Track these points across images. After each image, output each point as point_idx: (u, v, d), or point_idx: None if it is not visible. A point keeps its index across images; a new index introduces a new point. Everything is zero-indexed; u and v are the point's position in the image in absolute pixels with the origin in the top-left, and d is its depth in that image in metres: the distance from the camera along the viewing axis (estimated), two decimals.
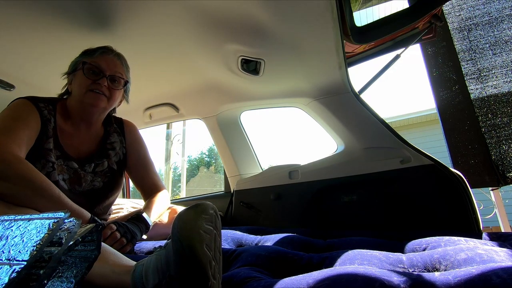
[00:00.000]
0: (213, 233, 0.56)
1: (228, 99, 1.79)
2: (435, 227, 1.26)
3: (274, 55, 1.35)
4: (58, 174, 1.00)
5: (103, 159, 1.13)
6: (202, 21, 1.19)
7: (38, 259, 0.37)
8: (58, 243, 0.40)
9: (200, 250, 0.51)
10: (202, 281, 0.50)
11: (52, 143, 1.01)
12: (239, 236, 1.12)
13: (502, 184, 1.98)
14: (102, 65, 1.05)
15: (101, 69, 1.05)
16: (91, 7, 1.10)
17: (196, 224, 0.54)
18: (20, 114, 0.96)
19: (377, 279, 0.54)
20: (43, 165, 0.96)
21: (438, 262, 0.69)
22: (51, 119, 1.03)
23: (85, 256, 0.49)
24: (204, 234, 0.54)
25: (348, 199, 1.46)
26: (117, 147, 1.18)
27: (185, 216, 0.56)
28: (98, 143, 1.16)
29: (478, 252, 0.67)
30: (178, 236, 0.52)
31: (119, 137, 1.21)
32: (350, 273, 0.57)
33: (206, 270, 0.51)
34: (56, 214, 0.43)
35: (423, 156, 1.35)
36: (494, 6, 2.16)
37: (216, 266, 0.55)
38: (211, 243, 0.55)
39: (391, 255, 0.75)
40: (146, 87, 1.72)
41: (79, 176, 1.06)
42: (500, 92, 2.06)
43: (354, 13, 1.24)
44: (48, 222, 0.41)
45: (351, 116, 1.52)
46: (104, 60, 1.06)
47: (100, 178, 1.11)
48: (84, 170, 1.07)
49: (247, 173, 1.90)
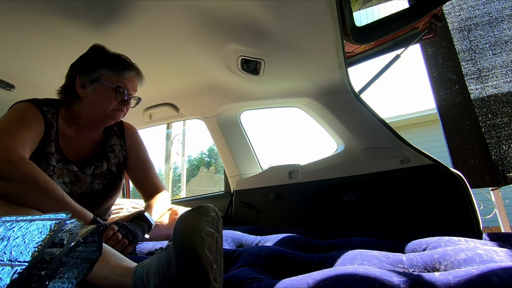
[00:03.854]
0: (214, 236, 0.56)
1: (228, 99, 1.79)
2: (435, 227, 1.26)
3: (274, 55, 1.35)
4: (58, 177, 1.00)
5: (102, 161, 1.13)
6: (202, 21, 1.19)
7: (39, 260, 0.37)
8: (59, 244, 0.40)
9: (202, 253, 0.51)
10: (203, 284, 0.50)
11: (54, 147, 1.01)
12: (239, 236, 1.12)
13: (502, 184, 1.98)
14: (129, 88, 1.11)
15: (128, 93, 1.10)
16: (91, 7, 1.10)
17: (198, 227, 0.54)
18: (24, 117, 0.97)
19: (377, 279, 0.54)
20: (45, 169, 0.96)
21: (438, 262, 0.69)
22: (54, 123, 1.03)
23: (86, 257, 0.49)
24: (205, 236, 0.54)
25: (348, 199, 1.46)
26: (116, 150, 1.19)
27: (187, 218, 0.56)
28: (97, 146, 1.17)
29: (478, 252, 0.67)
30: (179, 238, 0.52)
31: (119, 140, 1.22)
32: (350, 273, 0.57)
33: (207, 273, 0.50)
34: (58, 215, 0.44)
35: (423, 156, 1.35)
36: (494, 6, 2.16)
37: (218, 269, 0.54)
38: (213, 246, 0.54)
39: (391, 255, 0.75)
40: (146, 87, 1.71)
41: (79, 178, 1.06)
42: (500, 92, 2.06)
43: (354, 13, 1.24)
44: (49, 223, 0.41)
45: (351, 116, 1.52)
46: (131, 82, 1.11)
47: (99, 180, 1.11)
48: (84, 173, 1.08)
49: (247, 173, 1.90)
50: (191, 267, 0.51)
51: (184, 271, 0.51)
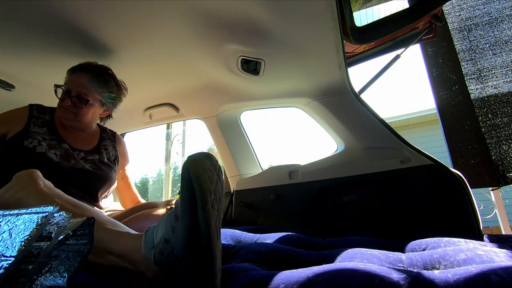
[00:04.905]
0: (214, 174, 0.62)
1: (228, 99, 1.79)
2: (435, 227, 1.26)
3: (274, 55, 1.35)
4: (49, 149, 1.08)
5: (94, 154, 1.22)
6: (202, 21, 1.19)
7: (26, 254, 0.37)
8: (47, 237, 0.40)
9: (203, 176, 0.58)
10: (202, 203, 0.56)
11: (45, 129, 1.13)
12: (237, 234, 1.12)
13: (502, 184, 1.98)
14: (70, 86, 1.16)
15: (68, 90, 1.15)
16: (91, 7, 1.10)
17: (202, 160, 0.61)
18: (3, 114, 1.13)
19: (377, 275, 0.54)
20: (30, 142, 1.06)
21: (438, 262, 0.69)
22: (45, 116, 1.17)
23: (78, 250, 0.48)
24: (207, 168, 0.60)
25: (348, 199, 1.46)
26: (109, 149, 1.30)
27: (194, 155, 0.63)
28: (92, 144, 1.27)
29: (478, 253, 0.67)
30: (186, 165, 0.59)
31: (112, 143, 1.34)
32: (350, 269, 0.58)
33: (205, 195, 0.56)
34: (45, 208, 0.43)
35: (423, 156, 1.35)
36: (494, 6, 2.16)
37: (216, 203, 0.60)
38: (212, 178, 0.61)
39: (391, 254, 0.75)
40: (146, 87, 1.72)
41: (70, 154, 1.13)
42: (500, 92, 2.06)
43: (354, 13, 1.24)
44: (36, 217, 0.41)
45: (351, 116, 1.52)
46: (73, 80, 1.16)
47: (89, 164, 1.17)
48: (75, 153, 1.16)
49: (247, 173, 1.90)
50: (192, 187, 0.56)
51: (186, 192, 0.57)
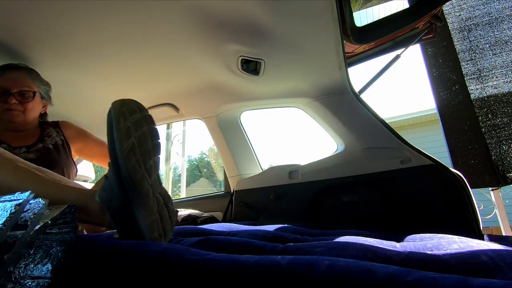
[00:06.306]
0: (139, 118, 0.63)
1: (228, 99, 1.78)
2: (435, 227, 1.25)
3: (274, 55, 1.35)
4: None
5: (37, 144, 1.19)
6: (202, 21, 1.19)
7: (1, 244, 0.35)
8: (23, 226, 0.38)
9: (121, 120, 0.58)
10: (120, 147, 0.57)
11: None
12: (234, 226, 1.13)
13: (502, 184, 1.98)
14: (7, 85, 1.13)
15: (6, 89, 1.12)
16: (91, 7, 1.10)
17: (126, 103, 0.62)
18: None
19: (371, 247, 0.57)
20: None
21: (431, 250, 0.70)
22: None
23: (60, 239, 0.47)
24: (127, 111, 0.61)
25: (348, 199, 1.46)
26: (53, 135, 1.26)
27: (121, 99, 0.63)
28: (34, 138, 1.22)
29: (470, 244, 0.68)
30: (110, 109, 0.60)
31: (55, 129, 1.30)
32: (344, 242, 0.61)
33: (121, 138, 0.57)
34: (21, 195, 0.42)
35: (423, 156, 1.35)
36: (494, 6, 2.16)
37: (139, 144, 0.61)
38: (136, 122, 0.62)
39: (385, 242, 0.76)
40: (146, 87, 1.72)
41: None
42: (500, 92, 2.06)
43: (354, 13, 1.24)
44: (10, 205, 0.39)
45: (351, 116, 1.52)
46: (8, 79, 1.14)
47: (33, 154, 1.15)
48: (15, 151, 1.12)
49: (247, 173, 1.90)
50: (111, 127, 0.58)
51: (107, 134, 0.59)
